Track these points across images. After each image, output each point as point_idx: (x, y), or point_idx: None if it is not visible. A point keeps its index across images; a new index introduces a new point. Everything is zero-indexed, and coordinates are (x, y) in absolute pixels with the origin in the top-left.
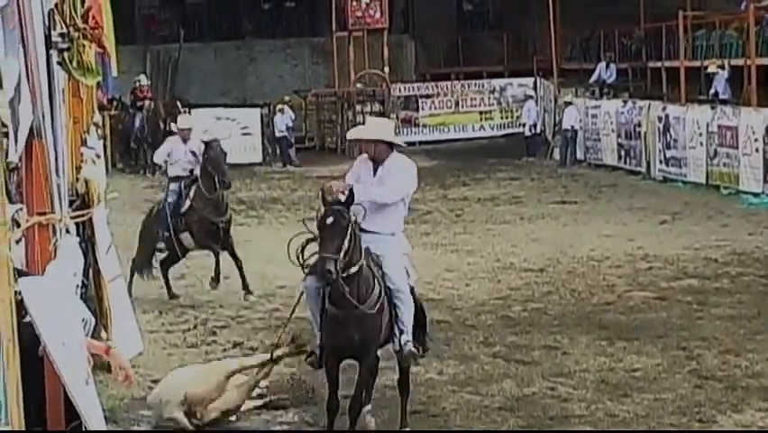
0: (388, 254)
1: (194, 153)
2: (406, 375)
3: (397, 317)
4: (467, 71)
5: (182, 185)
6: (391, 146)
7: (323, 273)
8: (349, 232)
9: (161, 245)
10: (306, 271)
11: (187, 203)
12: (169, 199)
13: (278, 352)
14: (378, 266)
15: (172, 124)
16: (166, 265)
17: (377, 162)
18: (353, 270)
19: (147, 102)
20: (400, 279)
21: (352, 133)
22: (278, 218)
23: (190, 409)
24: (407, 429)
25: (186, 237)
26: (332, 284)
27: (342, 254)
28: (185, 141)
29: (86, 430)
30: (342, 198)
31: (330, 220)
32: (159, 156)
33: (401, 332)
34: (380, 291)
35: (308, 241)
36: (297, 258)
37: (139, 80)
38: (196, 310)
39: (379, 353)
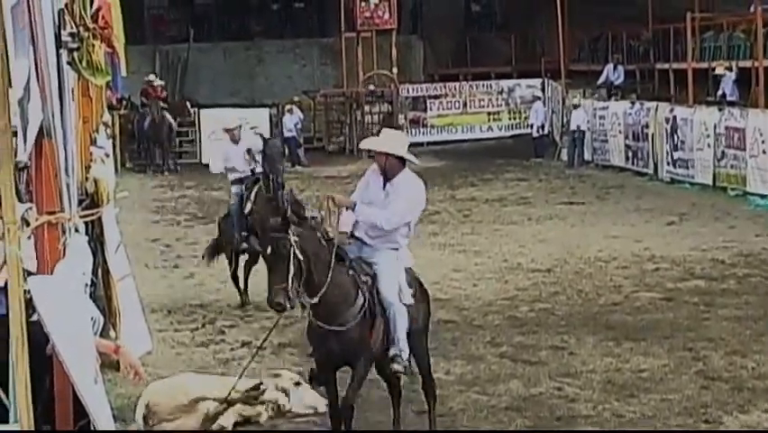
0: (383, 267)
1: (249, 151)
2: (397, 386)
3: (388, 328)
4: (475, 72)
5: (244, 186)
6: (403, 162)
7: (272, 306)
8: (291, 255)
9: (244, 246)
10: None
11: (249, 205)
12: (232, 202)
13: (235, 395)
14: (369, 276)
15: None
16: (247, 268)
17: (387, 176)
18: (323, 290)
19: (160, 102)
20: (392, 292)
21: (366, 143)
22: None
23: (148, 417)
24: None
25: (253, 239)
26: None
27: (289, 281)
28: (236, 141)
29: (94, 430)
30: (279, 222)
31: (268, 250)
32: (215, 165)
33: (392, 343)
34: (364, 302)
35: None
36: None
37: (151, 81)
38: (204, 309)
39: None
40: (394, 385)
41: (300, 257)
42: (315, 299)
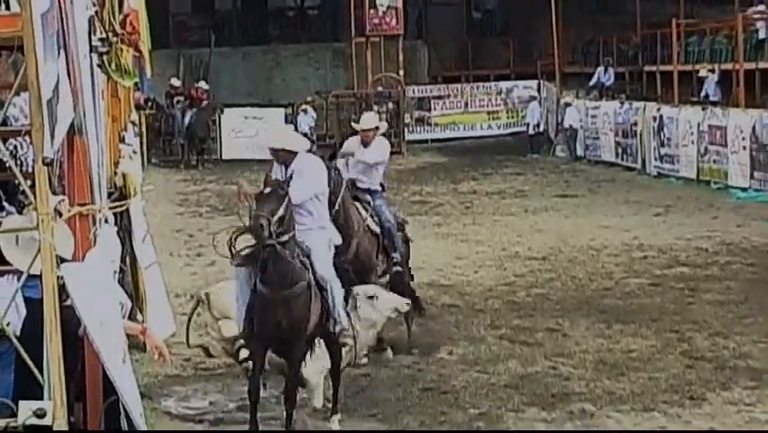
0: (316, 246)
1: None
2: (338, 365)
3: (329, 305)
4: (476, 74)
5: None
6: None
7: (255, 226)
8: (285, 201)
9: None
10: (236, 262)
11: None
12: None
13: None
14: (306, 256)
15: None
16: None
17: (286, 165)
18: (285, 238)
19: (204, 102)
20: (328, 269)
21: (262, 142)
22: None
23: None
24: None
25: None
26: (264, 247)
27: (275, 218)
28: (366, 144)
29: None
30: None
31: (267, 189)
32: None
33: (335, 321)
34: (309, 279)
35: (238, 233)
36: (230, 249)
37: (200, 86)
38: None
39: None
40: (335, 363)
41: (288, 205)
42: (285, 237)
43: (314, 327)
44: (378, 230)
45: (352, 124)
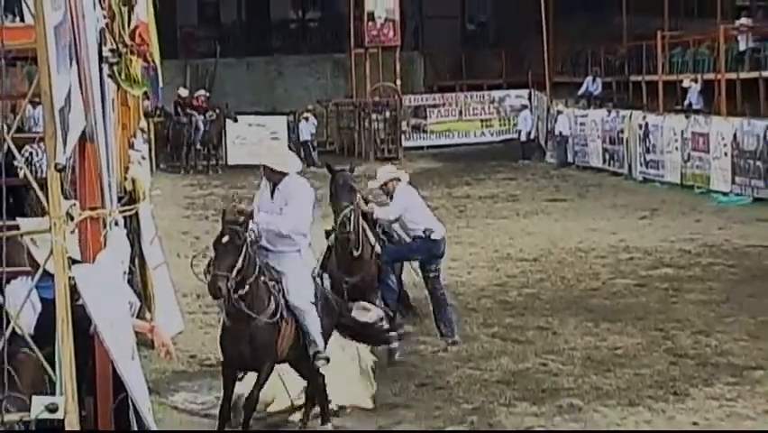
0: (289, 271)
1: None
2: (314, 385)
3: (303, 330)
4: (470, 84)
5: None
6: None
7: (213, 291)
8: (243, 251)
9: None
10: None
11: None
12: None
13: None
14: (276, 282)
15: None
16: None
17: (273, 182)
18: (245, 289)
19: (211, 112)
20: (299, 295)
21: (256, 156)
22: None
23: None
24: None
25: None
26: (225, 300)
27: (234, 273)
28: (389, 196)
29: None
30: (241, 219)
31: (225, 239)
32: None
33: (310, 344)
34: (277, 305)
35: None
36: (205, 275)
37: (200, 94)
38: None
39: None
40: (313, 383)
41: (250, 253)
42: (243, 291)
43: (288, 349)
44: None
45: (369, 183)
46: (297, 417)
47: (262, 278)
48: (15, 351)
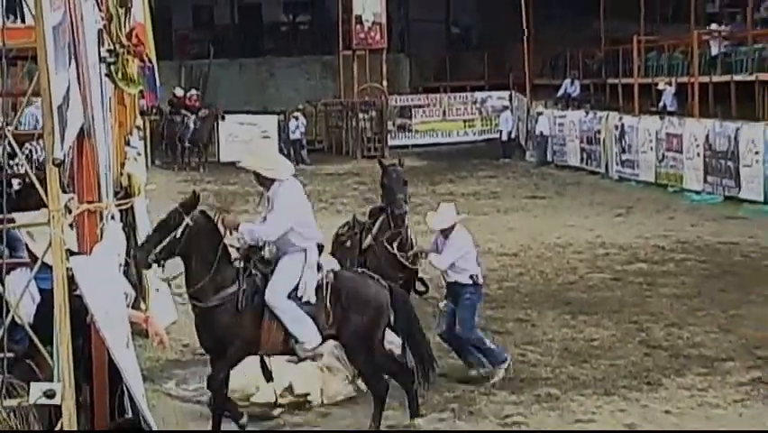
0: (279, 270)
1: None
2: (366, 381)
3: (282, 324)
4: (453, 85)
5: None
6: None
7: (135, 259)
8: (173, 232)
9: None
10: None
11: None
12: None
13: (283, 400)
14: (262, 274)
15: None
16: None
17: (266, 188)
18: (200, 284)
19: (204, 111)
20: (272, 290)
21: (242, 162)
22: None
23: None
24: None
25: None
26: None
27: (158, 249)
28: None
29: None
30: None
31: (163, 216)
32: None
33: (290, 337)
34: (237, 291)
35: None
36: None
37: (192, 94)
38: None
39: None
40: (365, 380)
41: (178, 237)
42: (191, 290)
43: (272, 343)
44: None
45: (431, 222)
46: (278, 411)
47: (239, 263)
48: (25, 343)
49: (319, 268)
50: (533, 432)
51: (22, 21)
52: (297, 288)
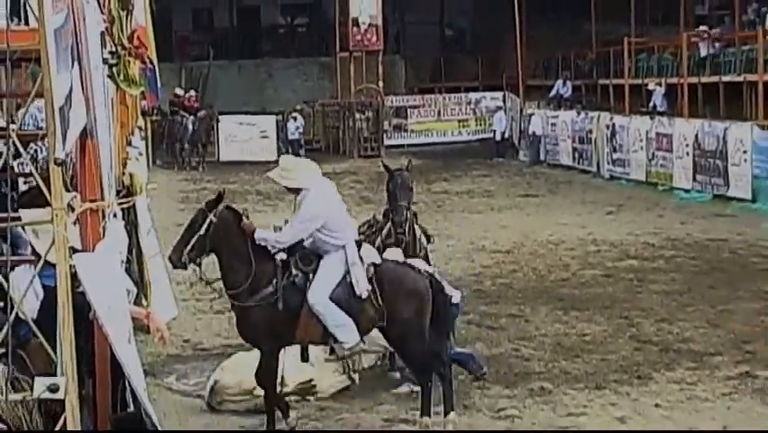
0: (321, 268)
1: None
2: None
3: (321, 323)
4: (448, 86)
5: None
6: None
7: (169, 259)
8: (199, 230)
9: None
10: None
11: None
12: None
13: (287, 389)
14: (303, 273)
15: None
16: None
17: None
18: (244, 285)
19: (202, 112)
20: (315, 292)
21: (271, 174)
22: (290, 206)
23: (215, 394)
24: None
25: None
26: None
27: (186, 248)
28: None
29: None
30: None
31: (189, 220)
32: None
33: (329, 336)
34: (276, 290)
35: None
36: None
37: (190, 95)
38: (220, 282)
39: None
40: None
41: (203, 234)
42: (228, 288)
43: (308, 338)
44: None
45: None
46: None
47: (278, 261)
48: (28, 337)
49: (362, 261)
50: (533, 432)
51: (26, 23)
52: (351, 286)
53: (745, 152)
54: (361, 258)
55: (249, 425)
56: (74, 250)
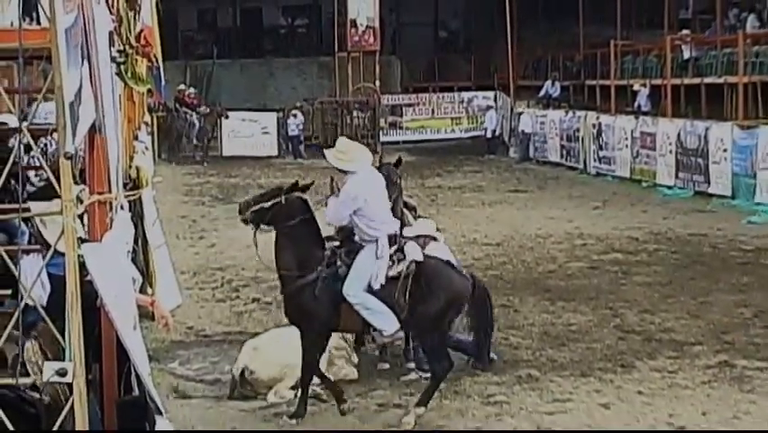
0: (356, 262)
1: None
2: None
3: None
4: (441, 85)
5: None
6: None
7: (240, 207)
8: (265, 203)
9: None
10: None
11: None
12: None
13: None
14: (346, 265)
15: None
16: None
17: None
18: (281, 255)
19: (203, 108)
20: (349, 283)
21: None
22: None
23: (246, 381)
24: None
25: None
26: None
27: (250, 210)
28: None
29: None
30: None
31: (268, 188)
32: None
33: (369, 325)
34: (316, 279)
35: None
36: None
37: (190, 92)
38: (223, 272)
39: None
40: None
41: (267, 207)
42: (278, 267)
43: (350, 326)
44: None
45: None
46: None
47: (326, 252)
48: (35, 321)
49: (404, 256)
50: (541, 432)
51: (38, 23)
52: (386, 277)
53: (725, 150)
54: (404, 252)
55: (249, 408)
56: (82, 240)
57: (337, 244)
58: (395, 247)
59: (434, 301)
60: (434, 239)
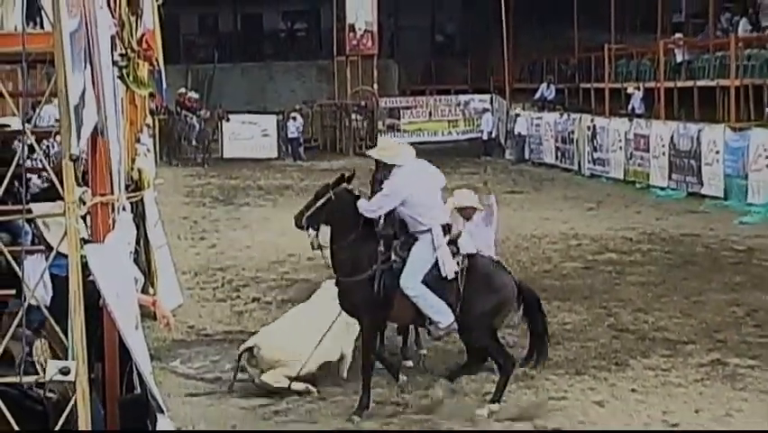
0: (411, 255)
1: None
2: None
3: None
4: (438, 88)
5: None
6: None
7: (294, 219)
8: (318, 202)
9: None
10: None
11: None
12: None
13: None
14: (401, 258)
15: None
16: None
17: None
18: (336, 246)
19: (204, 111)
20: (407, 276)
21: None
22: (290, 201)
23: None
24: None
25: None
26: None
27: (306, 214)
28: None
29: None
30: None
31: (318, 191)
32: None
33: (426, 318)
34: (373, 274)
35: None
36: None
37: (191, 95)
38: (223, 272)
39: None
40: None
41: (320, 206)
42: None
43: (403, 318)
44: None
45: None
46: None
47: (380, 248)
48: (44, 320)
49: (458, 250)
50: (538, 432)
51: (42, 27)
52: (437, 267)
53: (717, 152)
54: (458, 246)
55: (249, 406)
56: (85, 241)
57: (391, 233)
58: (448, 238)
59: (484, 302)
60: (477, 209)
